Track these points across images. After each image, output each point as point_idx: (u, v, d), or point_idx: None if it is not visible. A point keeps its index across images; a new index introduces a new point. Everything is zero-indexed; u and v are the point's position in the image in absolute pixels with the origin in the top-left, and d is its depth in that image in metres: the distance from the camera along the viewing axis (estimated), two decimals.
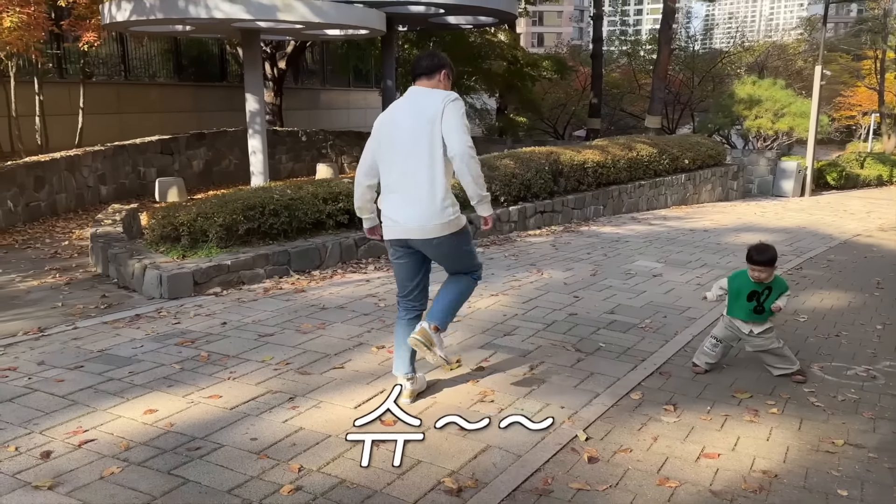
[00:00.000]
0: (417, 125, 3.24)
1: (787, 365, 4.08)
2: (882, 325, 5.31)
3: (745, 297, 4.01)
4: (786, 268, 7.44)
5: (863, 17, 34.77)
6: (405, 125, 3.30)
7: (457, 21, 14.96)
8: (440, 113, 3.20)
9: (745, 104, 18.53)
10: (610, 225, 10.52)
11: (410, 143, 3.27)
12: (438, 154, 3.24)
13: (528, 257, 7.71)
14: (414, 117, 3.27)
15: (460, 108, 3.28)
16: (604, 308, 5.59)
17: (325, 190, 7.23)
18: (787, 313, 5.59)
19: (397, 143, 3.31)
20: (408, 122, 3.29)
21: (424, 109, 3.25)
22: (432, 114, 3.21)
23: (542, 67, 21.07)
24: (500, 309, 5.46)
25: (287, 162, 15.79)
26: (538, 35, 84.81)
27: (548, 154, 10.70)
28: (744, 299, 4.02)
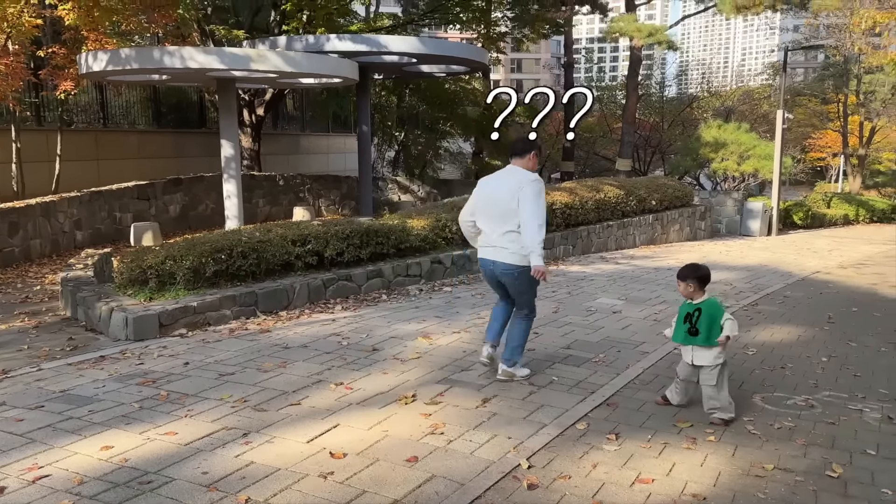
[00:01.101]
0: (506, 193, 4.47)
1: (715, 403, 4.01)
2: (827, 358, 5.51)
3: (682, 318, 4.14)
4: (742, 304, 7.68)
5: (827, 63, 36.10)
6: (497, 192, 4.56)
7: (430, 69, 15.43)
8: (522, 186, 4.41)
9: (711, 147, 19.12)
10: (578, 264, 10.76)
11: (501, 206, 4.50)
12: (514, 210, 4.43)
13: (494, 296, 7.85)
14: (504, 188, 4.52)
15: (538, 188, 4.46)
16: (561, 343, 5.76)
17: (294, 232, 7.41)
18: (736, 346, 5.81)
19: (495, 201, 4.57)
20: (499, 191, 4.55)
21: (512, 184, 4.47)
22: (516, 187, 4.42)
23: (515, 113, 21.61)
24: (460, 345, 5.61)
25: (264, 206, 15.98)
26: (517, 81, 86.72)
27: None
28: (681, 321, 4.15)
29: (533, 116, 21.93)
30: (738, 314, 7.17)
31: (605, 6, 23.19)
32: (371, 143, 18.77)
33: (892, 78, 29.40)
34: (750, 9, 16.87)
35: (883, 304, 7.93)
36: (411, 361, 5.11)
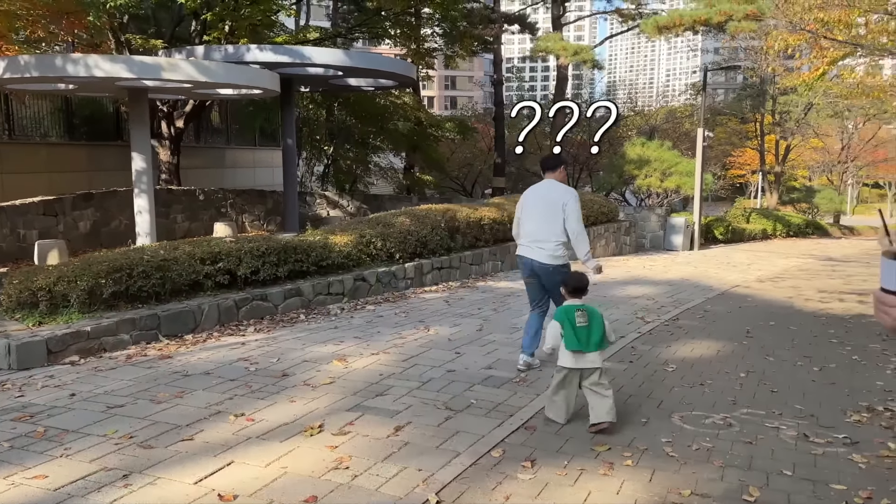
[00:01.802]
0: (547, 204, 5.35)
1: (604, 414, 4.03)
2: (745, 373, 5.51)
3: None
4: (664, 319, 7.70)
5: (745, 83, 37.75)
6: (542, 201, 5.41)
7: (358, 83, 15.17)
8: (567, 201, 5.30)
9: (635, 164, 19.54)
10: (506, 280, 10.66)
11: (542, 213, 5.36)
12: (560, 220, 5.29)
13: (419, 314, 7.66)
14: (545, 198, 5.40)
15: (578, 202, 5.38)
16: (483, 363, 5.57)
17: (203, 250, 6.99)
18: (656, 363, 5.76)
19: (540, 209, 5.39)
20: (544, 201, 5.39)
21: (553, 196, 5.37)
22: (558, 200, 5.31)
23: (445, 128, 21.61)
24: (377, 368, 5.35)
25: (183, 222, 15.29)
26: (451, 98, 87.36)
27: (444, 211, 10.83)
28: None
29: (463, 131, 21.88)
30: (659, 329, 7.19)
31: (533, 25, 23.53)
32: (297, 157, 18.33)
33: (804, 99, 30.97)
34: (671, 29, 17.38)
35: (798, 318, 8.11)
36: (323, 387, 4.82)
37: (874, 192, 58.46)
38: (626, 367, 5.62)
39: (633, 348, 6.26)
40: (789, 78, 21.91)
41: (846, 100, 21.95)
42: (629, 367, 5.63)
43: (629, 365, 5.68)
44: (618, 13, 20.67)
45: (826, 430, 4.19)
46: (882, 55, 14.86)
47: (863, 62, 17.28)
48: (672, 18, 17.31)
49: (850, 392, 5.05)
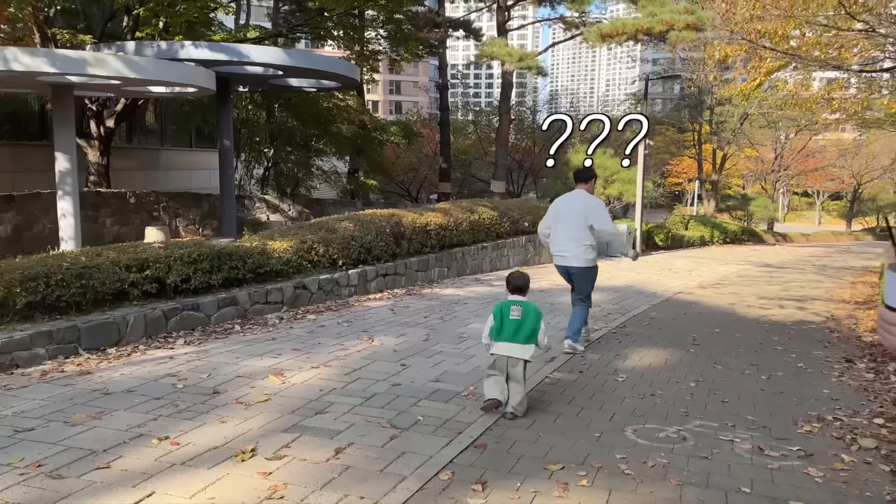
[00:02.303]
0: (574, 214, 6.21)
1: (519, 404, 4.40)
2: (695, 383, 5.44)
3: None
4: (611, 326, 7.62)
5: (683, 94, 38.76)
6: (572, 210, 6.24)
7: (299, 84, 14.76)
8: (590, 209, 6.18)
9: None
10: (453, 287, 10.46)
11: (568, 222, 6.24)
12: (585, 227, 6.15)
13: (363, 323, 7.36)
14: (570, 209, 6.26)
15: (602, 205, 6.41)
16: (430, 376, 5.33)
17: (129, 256, 6.53)
18: (606, 372, 5.64)
19: (566, 218, 6.26)
20: (573, 210, 6.23)
21: (578, 206, 6.22)
22: (586, 208, 6.18)
23: (390, 132, 21.33)
24: (318, 383, 5.03)
25: (112, 226, 14.54)
26: (396, 103, 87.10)
27: (389, 216, 10.55)
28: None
29: (408, 135, 21.57)
30: (607, 337, 7.10)
31: (478, 31, 23.51)
32: (236, 159, 17.75)
33: (740, 109, 31.96)
34: (614, 38, 17.58)
35: (742, 325, 8.16)
36: (257, 405, 4.48)
37: (803, 200, 61.01)
38: (577, 377, 5.48)
39: (583, 358, 6.12)
40: (727, 88, 22.50)
41: (780, 110, 22.70)
42: (579, 377, 5.49)
43: (579, 375, 5.53)
44: (562, 20, 20.84)
45: (780, 442, 4.12)
46: (815, 68, 15.35)
47: (796, 75, 17.82)
48: (615, 27, 17.51)
49: (798, 401, 5.02)
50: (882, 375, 5.72)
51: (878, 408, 4.84)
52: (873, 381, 5.56)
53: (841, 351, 6.77)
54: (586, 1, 17.97)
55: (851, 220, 46.75)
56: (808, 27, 10.54)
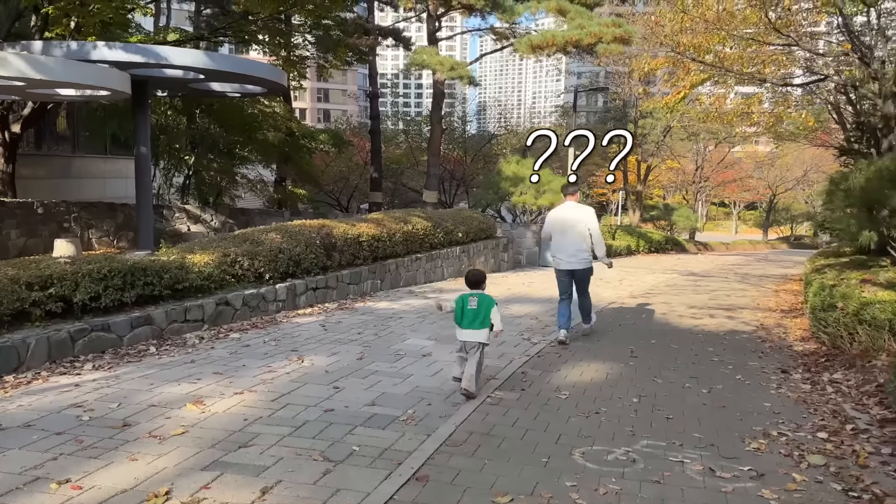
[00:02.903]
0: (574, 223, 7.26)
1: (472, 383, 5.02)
2: (638, 398, 5.31)
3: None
4: (550, 339, 7.47)
5: (608, 106, 39.74)
6: (570, 220, 7.29)
7: (223, 88, 14.12)
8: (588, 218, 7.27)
9: (511, 181, 19.72)
10: (387, 300, 10.13)
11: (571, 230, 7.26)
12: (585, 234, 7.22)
13: (292, 341, 6.94)
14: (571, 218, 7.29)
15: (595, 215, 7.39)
16: (365, 399, 5.00)
17: (31, 273, 5.92)
18: (548, 389, 5.45)
19: (565, 227, 7.28)
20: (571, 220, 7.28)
21: (577, 215, 7.29)
22: (582, 217, 7.26)
23: (319, 140, 20.81)
24: (242, 411, 4.62)
25: (18, 238, 13.50)
26: (324, 111, 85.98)
27: (319, 227, 10.14)
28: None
29: (337, 143, 21.15)
30: (546, 351, 6.94)
31: (407, 40, 23.30)
32: (154, 167, 16.86)
33: (662, 122, 32.96)
34: (544, 49, 17.72)
35: (676, 335, 8.18)
36: (173, 439, 4.04)
37: (721, 210, 63.62)
38: (520, 395, 5.26)
39: (524, 374, 5.92)
40: (651, 101, 23.10)
41: (702, 123, 23.47)
42: (522, 395, 5.27)
43: (522, 394, 5.32)
44: (492, 31, 20.90)
45: (730, 461, 4.00)
46: (734, 84, 15.90)
47: (717, 90, 18.39)
48: (545, 38, 17.65)
49: (742, 416, 4.96)
50: (818, 386, 5.76)
51: (819, 420, 4.82)
52: (811, 393, 5.58)
53: (775, 361, 6.83)
54: (516, 12, 18.06)
55: (767, 230, 48.99)
56: (732, 41, 10.81)
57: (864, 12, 11.26)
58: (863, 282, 6.82)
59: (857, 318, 6.48)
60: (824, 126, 24.08)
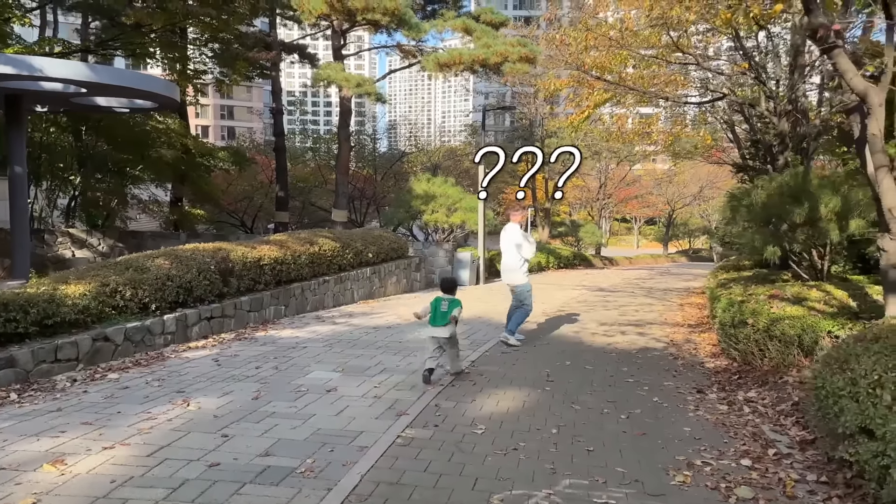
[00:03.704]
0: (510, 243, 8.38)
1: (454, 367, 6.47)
2: (557, 429, 5.01)
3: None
4: (464, 365, 7.10)
5: (515, 126, 40.38)
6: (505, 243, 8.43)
7: (109, 103, 13.09)
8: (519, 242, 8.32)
9: (422, 200, 19.44)
10: (291, 327, 9.51)
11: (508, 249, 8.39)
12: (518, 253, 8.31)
13: (179, 380, 6.25)
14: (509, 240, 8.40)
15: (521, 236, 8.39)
16: (258, 448, 4.43)
17: None
18: (463, 423, 5.06)
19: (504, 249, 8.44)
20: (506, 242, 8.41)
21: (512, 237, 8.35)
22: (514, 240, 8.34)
23: (217, 158, 19.81)
24: (109, 471, 3.96)
25: None
26: (228, 129, 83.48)
27: (215, 251, 9.41)
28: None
29: (239, 161, 20.31)
30: (461, 379, 6.56)
31: (313, 56, 22.73)
32: (34, 188, 15.47)
33: (566, 141, 33.67)
34: (451, 67, 17.62)
35: (590, 355, 8.01)
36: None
37: (623, 225, 65.96)
38: (433, 433, 4.84)
39: (437, 406, 5.51)
40: (557, 121, 23.50)
41: (606, 142, 24.07)
42: (435, 433, 4.85)
43: (434, 430, 4.90)
44: (399, 48, 20.64)
45: (657, 500, 3.73)
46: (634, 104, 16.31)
47: (619, 110, 18.83)
48: (452, 57, 17.55)
49: (663, 443, 4.74)
50: (735, 407, 5.66)
51: (741, 445, 4.67)
52: (728, 414, 5.46)
53: (690, 380, 6.74)
54: (423, 30, 17.88)
55: (667, 244, 51.09)
56: (634, 60, 10.96)
57: (753, 36, 11.72)
58: (771, 297, 6.87)
59: (768, 334, 6.48)
60: (719, 144, 25.27)
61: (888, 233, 5.14)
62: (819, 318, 6.21)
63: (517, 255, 8.31)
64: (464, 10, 19.54)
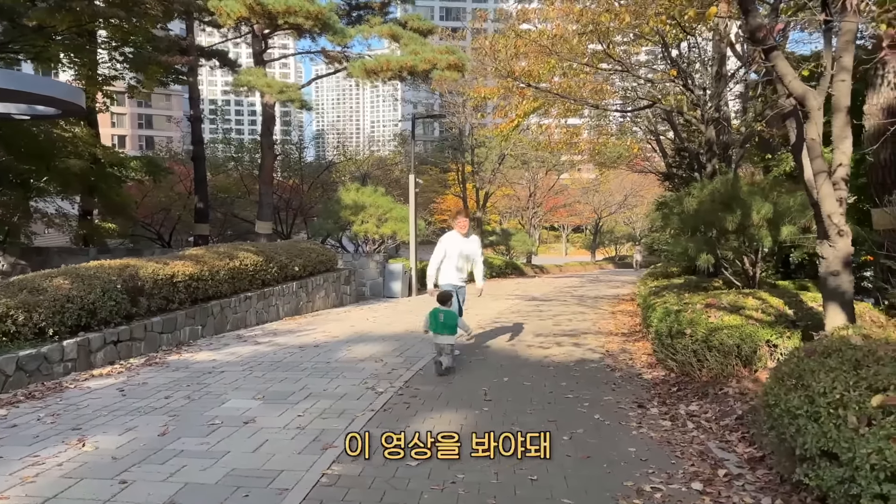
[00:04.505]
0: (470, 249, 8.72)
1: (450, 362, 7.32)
2: None
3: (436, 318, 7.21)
4: (398, 386, 6.68)
5: (444, 136, 40.29)
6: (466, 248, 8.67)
7: (6, 109, 12.02)
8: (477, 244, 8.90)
9: (351, 210, 18.89)
10: (208, 349, 8.85)
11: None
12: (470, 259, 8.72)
13: (77, 415, 5.58)
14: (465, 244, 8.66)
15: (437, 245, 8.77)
16: (162, 495, 3.88)
17: None
18: (398, 458, 4.63)
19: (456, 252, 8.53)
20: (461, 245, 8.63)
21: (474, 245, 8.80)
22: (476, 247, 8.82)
23: (130, 168, 18.67)
24: None
25: None
26: (147, 138, 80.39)
27: (122, 268, 8.67)
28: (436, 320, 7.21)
29: (153, 171, 19.18)
30: (394, 402, 6.13)
31: (234, 62, 21.86)
32: None
33: (494, 152, 33.82)
34: (379, 74, 17.20)
35: (527, 369, 7.72)
36: None
37: (551, 233, 66.98)
38: (362, 468, 4.39)
39: (368, 436, 5.05)
40: (486, 130, 23.42)
41: (535, 151, 24.16)
42: (365, 468, 4.40)
43: (364, 465, 4.45)
44: (324, 54, 20.04)
45: None
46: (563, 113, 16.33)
47: (545, 119, 18.87)
48: (379, 63, 17.14)
49: (609, 467, 4.45)
50: (678, 422, 5.45)
51: (689, 466, 4.43)
52: (672, 431, 5.24)
53: (629, 393, 6.53)
54: (348, 35, 17.40)
55: (595, 251, 52.08)
56: (562, 69, 10.85)
57: (677, 45, 11.83)
58: (707, 306, 6.76)
59: (707, 344, 6.35)
60: (642, 153, 25.81)
61: (827, 240, 5.05)
62: (757, 327, 6.11)
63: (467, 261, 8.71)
64: (390, 16, 19.17)
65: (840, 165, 4.93)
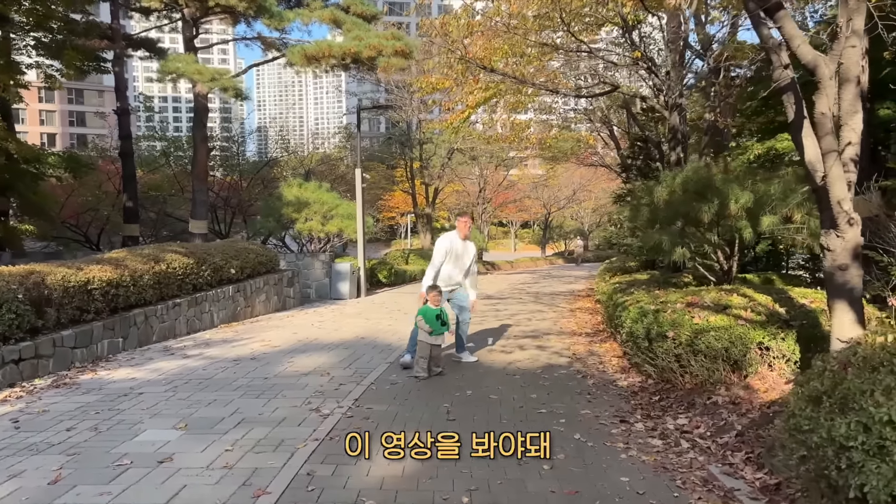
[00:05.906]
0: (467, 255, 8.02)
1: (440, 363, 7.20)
2: (468, 496, 3.87)
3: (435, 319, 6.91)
4: (347, 405, 5.82)
5: (391, 131, 39.25)
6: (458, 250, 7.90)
7: None
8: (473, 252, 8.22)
9: (294, 207, 17.83)
10: (129, 365, 7.81)
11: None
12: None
13: (27, 445, 4.56)
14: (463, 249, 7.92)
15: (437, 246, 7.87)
16: None
17: None
18: (345, 495, 3.81)
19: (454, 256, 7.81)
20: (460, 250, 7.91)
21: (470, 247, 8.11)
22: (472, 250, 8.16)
23: (48, 164, 17.14)
24: None
25: None
26: (79, 136, 76.67)
27: (25, 275, 7.53)
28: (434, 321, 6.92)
29: (74, 168, 17.74)
30: (341, 426, 5.26)
31: (164, 51, 20.43)
32: None
33: (441, 148, 33.02)
34: (320, 60, 16.17)
35: (492, 379, 6.98)
36: None
37: (499, 229, 66.71)
38: None
39: (310, 475, 4.19)
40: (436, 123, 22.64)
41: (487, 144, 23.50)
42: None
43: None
44: (260, 40, 18.83)
45: None
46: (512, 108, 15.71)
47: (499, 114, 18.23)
48: (321, 49, 16.12)
49: None
50: (670, 441, 4.77)
51: (696, 499, 3.73)
52: (666, 452, 4.55)
53: (607, 405, 5.85)
54: (286, 19, 16.31)
55: (545, 246, 51.88)
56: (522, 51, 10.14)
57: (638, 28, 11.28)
58: (689, 305, 6.12)
59: (692, 348, 5.70)
60: (591, 147, 25.45)
61: (834, 229, 4.44)
62: (748, 328, 5.50)
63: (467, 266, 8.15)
64: (332, 1, 18.13)
65: (849, 144, 4.33)
